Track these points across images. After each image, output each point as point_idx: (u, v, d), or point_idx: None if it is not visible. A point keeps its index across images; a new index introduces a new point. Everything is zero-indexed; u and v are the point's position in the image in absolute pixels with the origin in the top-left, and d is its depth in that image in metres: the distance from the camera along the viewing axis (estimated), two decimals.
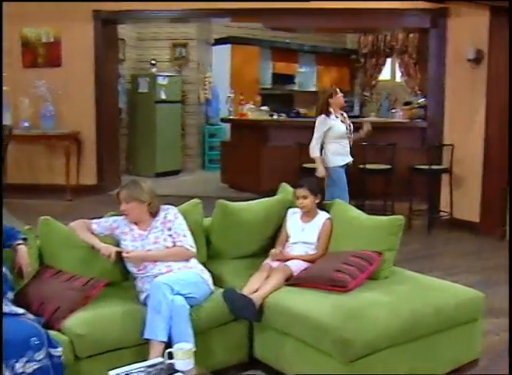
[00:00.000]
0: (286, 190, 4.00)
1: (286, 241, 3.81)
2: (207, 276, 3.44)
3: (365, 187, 7.19)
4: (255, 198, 4.09)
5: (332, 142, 5.92)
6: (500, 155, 6.63)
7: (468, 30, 6.95)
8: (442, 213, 7.23)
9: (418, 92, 10.41)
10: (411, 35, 11.36)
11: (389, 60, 12.42)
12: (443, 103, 7.27)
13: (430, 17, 7.41)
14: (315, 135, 5.88)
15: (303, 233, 3.77)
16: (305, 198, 3.76)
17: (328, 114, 5.88)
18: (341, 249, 3.59)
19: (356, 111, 12.39)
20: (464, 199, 7.03)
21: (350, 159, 6.03)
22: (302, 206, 3.77)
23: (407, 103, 8.91)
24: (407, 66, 11.73)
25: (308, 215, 3.80)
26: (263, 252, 3.80)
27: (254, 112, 9.27)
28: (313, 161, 7.40)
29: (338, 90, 6.04)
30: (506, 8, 6.42)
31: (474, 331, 3.44)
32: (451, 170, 7.02)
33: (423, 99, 8.41)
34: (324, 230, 3.74)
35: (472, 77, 6.91)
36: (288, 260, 3.62)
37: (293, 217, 3.84)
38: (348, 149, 6.02)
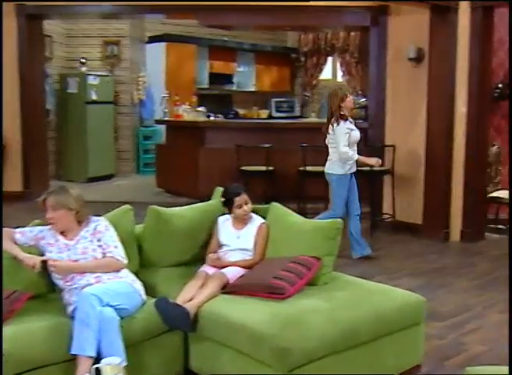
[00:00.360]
0: (221, 194, 3.99)
1: (219, 247, 3.81)
2: (138, 285, 3.40)
3: (306, 189, 7.26)
4: (192, 203, 4.07)
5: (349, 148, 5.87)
6: (442, 156, 6.81)
7: (409, 29, 7.10)
8: (384, 216, 7.37)
9: (360, 92, 10.58)
10: (353, 33, 11.55)
11: (330, 59, 12.59)
12: (384, 103, 7.40)
13: (370, 15, 7.54)
14: (343, 144, 5.78)
15: (239, 240, 3.77)
16: (246, 203, 3.77)
17: (343, 119, 5.82)
18: (279, 255, 3.61)
19: (297, 111, 12.52)
20: (407, 201, 7.17)
21: (355, 169, 6.02)
22: (246, 213, 3.76)
23: None
24: (348, 65, 11.93)
25: (242, 221, 3.81)
26: (198, 259, 3.79)
27: (190, 113, 9.24)
28: (252, 163, 7.47)
29: (348, 92, 5.99)
30: (446, 7, 6.62)
31: (417, 336, 3.50)
32: (393, 172, 7.16)
33: (364, 99, 8.55)
34: (260, 235, 3.75)
35: (413, 76, 7.05)
36: (225, 267, 3.62)
37: (225, 226, 3.82)
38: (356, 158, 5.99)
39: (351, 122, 5.93)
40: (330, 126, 5.87)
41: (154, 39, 11.20)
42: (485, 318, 4.57)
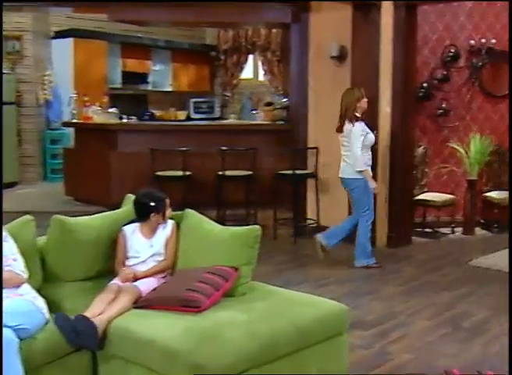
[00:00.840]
0: (131, 202, 3.94)
1: (127, 259, 3.77)
2: (41, 302, 3.30)
3: (225, 195, 7.26)
4: (104, 212, 4.01)
5: (363, 152, 6.05)
6: None
7: (331, 26, 7.22)
8: (309, 221, 7.45)
9: (281, 92, 10.68)
10: (274, 31, 11.64)
11: (251, 57, 12.65)
12: (306, 103, 7.49)
13: (291, 11, 7.60)
14: (357, 145, 5.97)
15: (151, 249, 3.76)
16: None
17: (358, 120, 6.03)
18: (194, 265, 3.59)
19: (216, 112, 12.54)
20: (332, 205, 7.28)
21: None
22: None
23: (269, 104, 9.10)
24: (270, 63, 12.02)
25: (153, 228, 3.79)
26: (108, 272, 3.72)
27: (100, 114, 9.10)
28: (168, 168, 7.42)
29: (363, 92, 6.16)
30: (369, 4, 6.76)
31: (340, 346, 3.54)
32: (317, 175, 7.24)
33: (286, 99, 8.63)
34: (173, 234, 3.78)
35: (336, 75, 7.17)
36: (138, 279, 3.58)
37: (135, 235, 3.77)
38: None
39: (366, 124, 6.13)
40: (345, 126, 6.06)
41: (60, 34, 10.95)
42: (410, 325, 4.69)
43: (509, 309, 4.33)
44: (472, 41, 7.90)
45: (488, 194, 8.02)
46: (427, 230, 7.79)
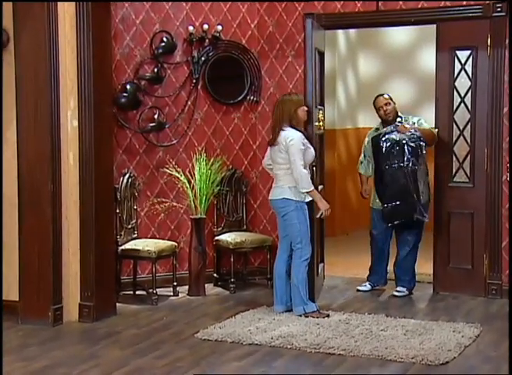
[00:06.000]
0: None
1: None
2: None
3: None
4: None
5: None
6: (45, 195, 6.81)
7: None
8: None
9: None
10: None
11: None
12: None
13: None
14: (299, 159, 6.78)
15: None
16: None
17: (298, 129, 6.92)
18: None
19: None
20: None
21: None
22: None
23: None
24: None
25: None
26: None
27: None
28: None
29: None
30: None
31: None
32: None
33: None
34: None
35: None
36: None
37: None
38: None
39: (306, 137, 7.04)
40: (279, 138, 6.90)
41: None
42: None
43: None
44: (191, 27, 8.15)
45: (220, 237, 8.23)
46: (139, 292, 7.87)
